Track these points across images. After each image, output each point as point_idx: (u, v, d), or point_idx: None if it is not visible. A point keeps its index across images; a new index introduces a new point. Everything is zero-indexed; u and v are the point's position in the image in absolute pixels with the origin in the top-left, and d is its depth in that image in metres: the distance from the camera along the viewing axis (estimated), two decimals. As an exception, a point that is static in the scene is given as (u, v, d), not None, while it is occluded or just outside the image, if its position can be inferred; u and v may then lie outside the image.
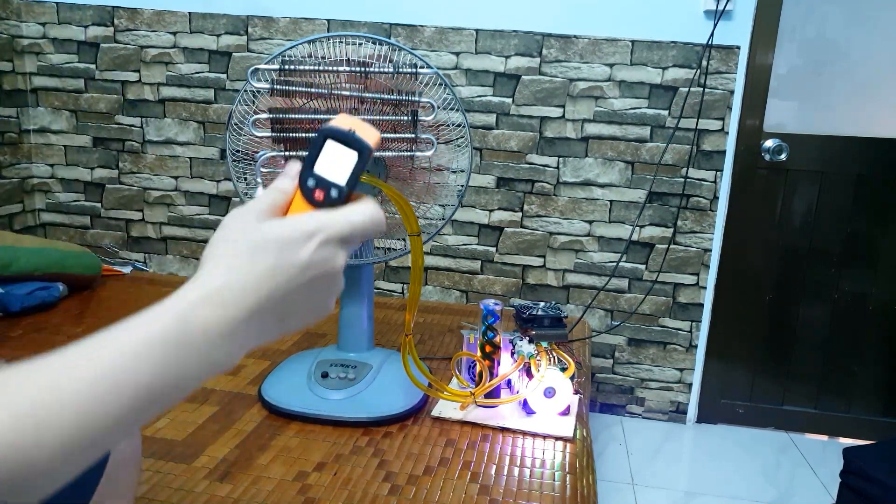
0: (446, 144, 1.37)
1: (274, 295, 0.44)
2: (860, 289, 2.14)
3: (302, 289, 0.45)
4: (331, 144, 0.48)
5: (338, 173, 0.48)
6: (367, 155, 0.48)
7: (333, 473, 1.19)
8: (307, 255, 0.45)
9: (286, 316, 0.46)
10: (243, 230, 0.45)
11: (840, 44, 2.03)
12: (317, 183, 0.48)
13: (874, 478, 1.43)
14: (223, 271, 0.44)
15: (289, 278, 0.44)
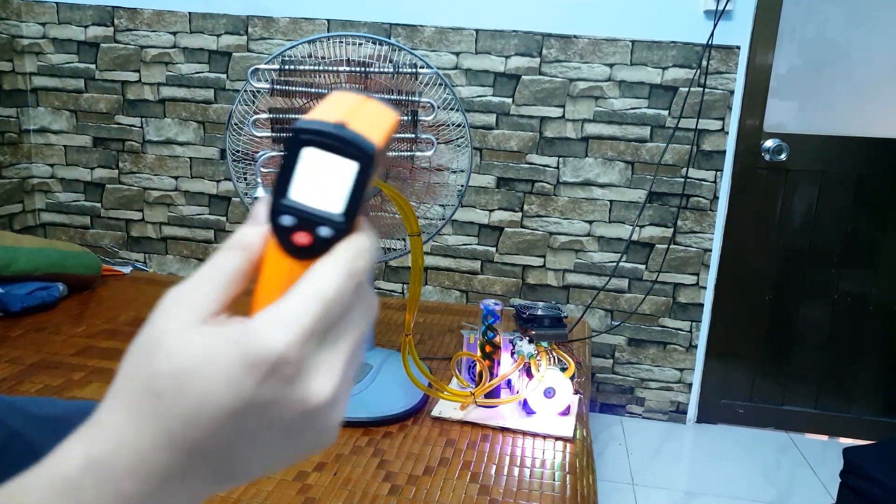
0: (446, 144, 1.37)
1: (201, 456, 0.28)
2: (860, 289, 2.14)
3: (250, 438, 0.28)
4: (311, 154, 0.29)
5: (328, 197, 0.29)
6: (370, 162, 0.29)
7: (333, 473, 1.19)
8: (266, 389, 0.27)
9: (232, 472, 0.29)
10: (171, 347, 0.28)
11: (840, 44, 2.03)
12: (296, 220, 0.29)
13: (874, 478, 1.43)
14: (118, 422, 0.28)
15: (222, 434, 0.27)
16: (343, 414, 0.31)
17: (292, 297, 0.28)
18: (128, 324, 1.84)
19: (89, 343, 1.70)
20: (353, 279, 0.29)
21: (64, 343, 1.68)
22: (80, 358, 1.61)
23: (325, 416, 0.29)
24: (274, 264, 0.30)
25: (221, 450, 0.28)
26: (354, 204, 0.29)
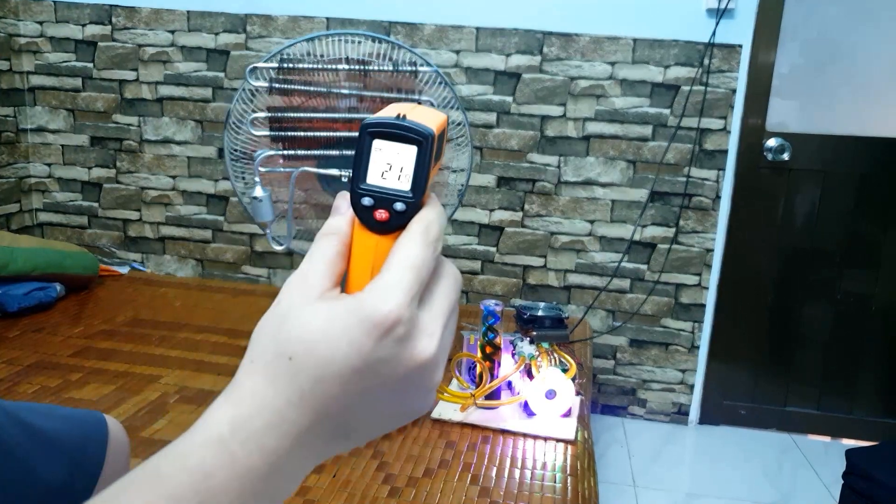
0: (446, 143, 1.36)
1: (342, 410, 0.32)
2: (863, 289, 2.13)
3: (384, 392, 0.33)
4: (379, 144, 0.35)
5: (398, 179, 0.35)
6: (429, 144, 0.35)
7: (333, 475, 1.17)
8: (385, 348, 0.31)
9: (351, 431, 0.34)
10: (296, 321, 0.32)
11: (842, 43, 2.02)
12: (374, 200, 0.35)
13: (877, 479, 1.42)
14: (267, 386, 0.32)
15: (364, 386, 0.32)
16: (442, 376, 0.35)
17: (388, 270, 0.32)
18: (126, 324, 1.83)
19: (87, 343, 1.69)
20: (431, 246, 0.34)
21: (61, 343, 1.67)
22: (78, 358, 1.60)
23: (430, 374, 0.34)
24: (362, 242, 0.35)
25: (344, 407, 0.32)
26: (420, 181, 0.35)
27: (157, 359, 1.62)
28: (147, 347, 1.69)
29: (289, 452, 0.31)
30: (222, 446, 0.30)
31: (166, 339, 1.75)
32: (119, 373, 1.54)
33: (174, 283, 2.20)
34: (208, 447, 0.30)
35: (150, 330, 1.80)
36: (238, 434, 0.30)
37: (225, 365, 1.61)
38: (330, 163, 1.26)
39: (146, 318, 1.87)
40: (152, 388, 1.47)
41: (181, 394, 1.46)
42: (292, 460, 0.32)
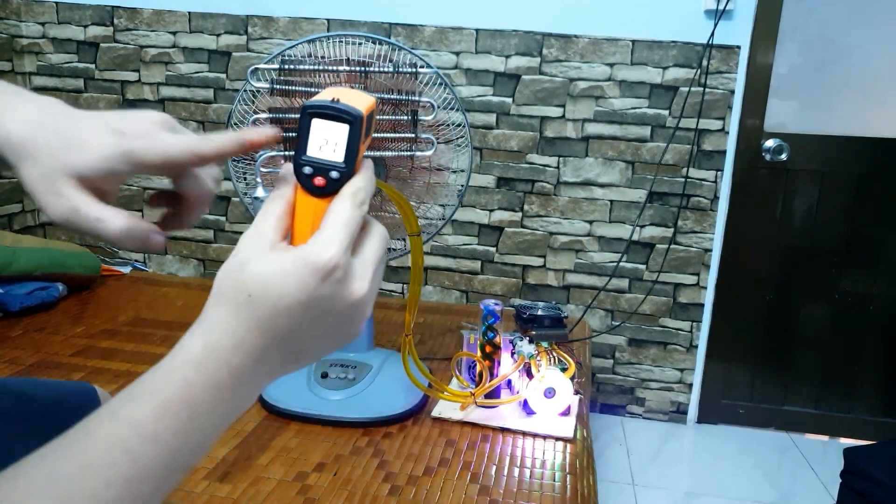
0: (446, 144, 1.37)
1: (290, 335, 0.40)
2: (861, 289, 2.14)
3: (323, 322, 0.41)
4: (317, 123, 0.42)
5: (333, 151, 0.42)
6: (358, 123, 0.42)
7: (333, 474, 1.18)
8: (326, 288, 0.39)
9: (300, 354, 0.42)
10: (254, 265, 0.39)
11: (841, 43, 2.03)
12: (313, 169, 0.42)
13: (875, 478, 1.43)
14: (229, 315, 0.39)
15: (310, 316, 0.40)
16: (371, 310, 0.43)
17: (326, 227, 0.40)
18: (127, 324, 1.84)
19: (88, 343, 1.70)
20: (360, 207, 0.41)
21: (63, 343, 1.68)
22: (80, 358, 1.61)
23: (363, 308, 0.42)
24: (303, 204, 0.43)
25: (293, 333, 0.40)
26: (351, 154, 0.42)
27: (159, 358, 1.62)
28: (149, 347, 1.70)
29: (250, 369, 0.39)
30: (198, 364, 0.38)
31: (168, 338, 1.75)
32: (121, 372, 1.55)
33: (176, 283, 2.21)
34: (188, 366, 0.38)
35: (152, 329, 1.80)
36: (210, 354, 0.39)
37: (226, 364, 1.62)
38: (331, 163, 1.27)
39: (148, 318, 1.88)
40: (154, 388, 1.48)
41: (183, 393, 1.46)
42: (253, 376, 0.40)
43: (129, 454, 0.36)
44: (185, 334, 0.40)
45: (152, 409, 0.37)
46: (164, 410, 0.37)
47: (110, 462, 0.35)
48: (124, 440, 0.36)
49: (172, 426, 0.37)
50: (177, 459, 0.38)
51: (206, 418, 0.39)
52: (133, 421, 0.37)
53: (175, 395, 0.38)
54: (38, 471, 0.35)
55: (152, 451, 0.36)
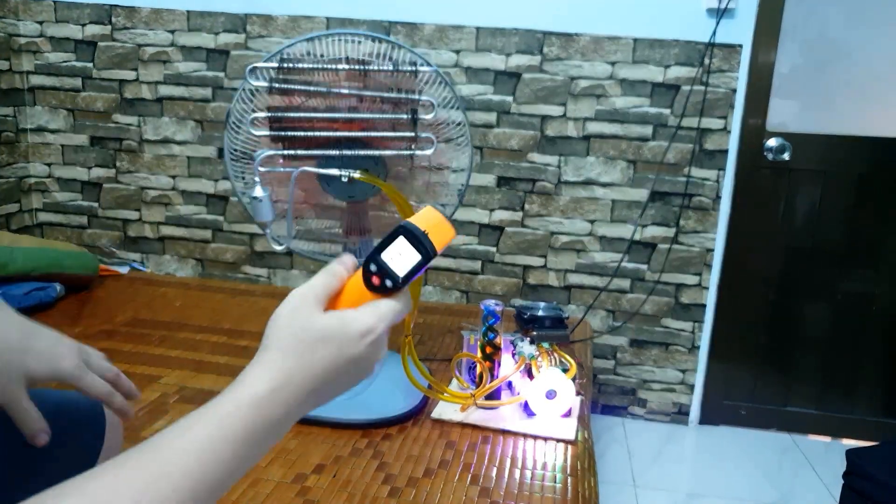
0: (446, 143, 1.36)
1: (328, 382, 0.50)
2: (863, 289, 2.13)
3: (350, 374, 0.52)
4: (402, 240, 0.52)
5: (399, 266, 0.53)
6: (428, 260, 0.53)
7: (332, 475, 1.17)
8: (362, 349, 0.51)
9: (326, 397, 0.52)
10: (308, 320, 0.50)
11: (843, 43, 2.02)
12: (378, 269, 0.53)
13: (877, 479, 1.42)
14: (290, 363, 0.49)
15: (343, 369, 0.51)
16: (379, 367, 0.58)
17: (372, 306, 0.53)
18: (125, 324, 1.83)
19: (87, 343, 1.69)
20: (390, 321, 0.53)
21: (61, 344, 1.67)
22: (77, 359, 1.60)
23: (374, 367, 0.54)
24: (354, 288, 0.54)
25: (328, 381, 0.50)
26: (410, 276, 0.53)
27: (157, 359, 1.62)
28: (147, 347, 1.69)
29: (298, 409, 0.49)
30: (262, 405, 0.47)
31: (166, 338, 1.74)
32: (119, 373, 1.54)
33: (174, 283, 2.20)
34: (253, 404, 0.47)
35: (150, 330, 1.79)
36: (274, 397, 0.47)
37: (225, 365, 1.61)
38: (330, 163, 1.26)
39: (146, 318, 1.87)
40: (152, 388, 1.47)
41: (181, 394, 1.45)
42: (298, 414, 0.49)
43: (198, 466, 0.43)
44: (248, 372, 0.49)
45: (221, 436, 0.45)
46: (230, 438, 0.45)
47: (183, 472, 0.43)
48: (195, 456, 0.43)
49: (233, 451, 0.45)
50: (232, 476, 0.47)
51: (259, 447, 0.48)
52: (203, 441, 0.44)
53: (240, 427, 0.46)
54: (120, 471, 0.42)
55: (214, 469, 0.44)
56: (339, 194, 1.33)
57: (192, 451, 0.43)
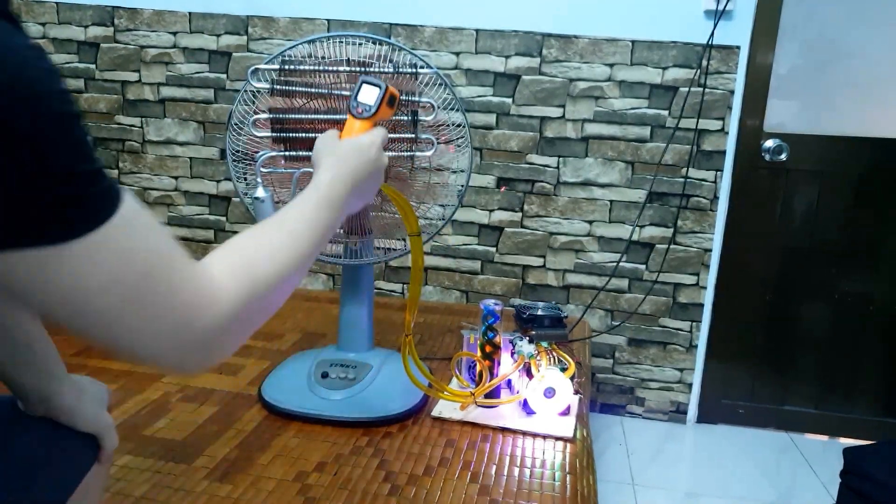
0: (446, 144, 1.37)
1: (359, 180, 0.84)
2: (861, 289, 2.14)
3: (370, 176, 0.87)
4: (365, 86, 0.95)
5: (369, 99, 0.94)
6: (384, 89, 0.94)
7: (333, 474, 1.19)
8: (372, 154, 0.88)
9: (361, 193, 0.85)
10: (336, 144, 0.87)
11: (841, 43, 2.03)
12: (358, 105, 0.94)
13: (875, 478, 1.43)
14: (333, 170, 0.81)
15: (365, 170, 0.85)
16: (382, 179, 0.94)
17: (367, 132, 0.91)
18: (128, 324, 1.84)
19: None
20: (379, 136, 0.91)
21: (64, 342, 1.68)
22: (81, 357, 1.62)
23: (383, 171, 0.91)
24: (352, 127, 0.93)
25: (359, 185, 0.83)
26: (378, 102, 0.93)
27: (160, 358, 1.63)
28: (149, 347, 1.69)
29: (346, 197, 0.79)
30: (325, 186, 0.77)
31: (168, 338, 1.75)
32: (121, 372, 1.55)
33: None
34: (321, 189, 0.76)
35: (152, 329, 1.80)
36: (332, 185, 0.78)
37: (226, 364, 1.62)
38: (331, 164, 1.27)
39: (148, 318, 1.88)
40: (154, 388, 1.48)
41: (183, 392, 1.47)
42: (347, 201, 0.80)
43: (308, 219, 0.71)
44: (314, 179, 0.79)
45: (313, 206, 0.73)
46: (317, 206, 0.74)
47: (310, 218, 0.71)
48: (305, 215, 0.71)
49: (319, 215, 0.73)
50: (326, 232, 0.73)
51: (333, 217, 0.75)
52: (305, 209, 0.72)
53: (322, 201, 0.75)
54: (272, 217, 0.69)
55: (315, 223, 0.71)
56: (340, 195, 1.34)
57: (303, 213, 0.71)
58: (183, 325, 0.47)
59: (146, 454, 1.22)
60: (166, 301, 0.46)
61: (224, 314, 0.50)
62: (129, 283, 0.44)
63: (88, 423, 0.77)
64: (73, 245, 0.40)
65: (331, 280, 2.36)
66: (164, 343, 0.47)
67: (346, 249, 1.40)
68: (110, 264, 0.43)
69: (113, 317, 0.44)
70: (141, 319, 0.45)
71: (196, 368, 0.50)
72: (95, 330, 0.44)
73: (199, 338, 0.49)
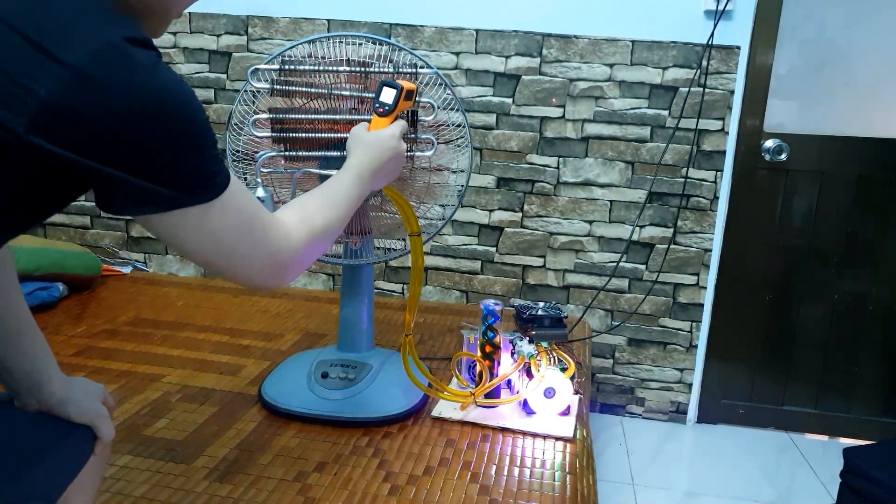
0: (446, 144, 1.37)
1: (382, 164, 1.03)
2: (860, 289, 2.14)
3: (391, 161, 1.05)
4: (385, 88, 1.08)
5: (388, 99, 1.08)
6: (400, 90, 1.07)
7: (333, 473, 1.19)
8: (394, 143, 1.05)
9: (384, 174, 1.05)
10: (365, 135, 1.05)
11: (840, 44, 2.03)
12: (380, 104, 1.08)
13: (875, 478, 1.43)
14: (361, 156, 1.01)
15: (386, 156, 1.04)
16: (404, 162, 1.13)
17: (389, 126, 1.08)
18: (128, 323, 1.84)
19: (89, 343, 1.70)
20: (399, 129, 1.09)
21: (64, 343, 1.69)
22: (81, 358, 1.62)
23: (402, 159, 1.10)
24: (376, 122, 1.08)
25: (382, 168, 1.04)
26: (395, 101, 1.08)
27: (160, 358, 1.64)
28: (149, 347, 1.70)
29: (370, 178, 1.00)
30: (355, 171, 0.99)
31: (168, 338, 1.76)
32: (121, 372, 1.55)
33: (176, 283, 2.21)
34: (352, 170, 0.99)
35: (153, 329, 1.81)
36: (360, 168, 1.00)
37: (226, 364, 1.62)
38: (331, 164, 1.27)
39: (148, 318, 1.89)
40: (154, 388, 1.48)
41: (183, 392, 1.47)
42: (370, 178, 1.00)
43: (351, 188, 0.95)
44: (346, 162, 1.01)
45: (346, 184, 0.95)
46: (348, 183, 0.95)
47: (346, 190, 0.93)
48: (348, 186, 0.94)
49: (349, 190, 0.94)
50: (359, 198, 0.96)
51: (360, 191, 0.97)
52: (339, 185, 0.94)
53: (352, 179, 0.96)
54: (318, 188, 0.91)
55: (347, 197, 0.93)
56: (340, 195, 1.34)
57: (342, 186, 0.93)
58: (273, 253, 0.73)
59: (146, 454, 1.22)
60: (264, 237, 0.72)
61: (295, 248, 0.76)
62: (245, 226, 0.69)
63: (81, 412, 0.79)
64: (215, 202, 0.64)
65: (331, 280, 2.36)
66: (262, 265, 0.72)
67: (346, 249, 1.40)
68: (234, 213, 0.67)
69: (236, 248, 0.69)
70: (252, 248, 0.70)
71: (277, 284, 0.75)
72: (223, 260, 0.69)
73: (281, 261, 0.74)
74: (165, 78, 0.59)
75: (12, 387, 0.78)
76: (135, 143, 0.58)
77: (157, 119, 0.58)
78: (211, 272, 0.68)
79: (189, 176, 0.62)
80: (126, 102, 0.56)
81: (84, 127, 0.55)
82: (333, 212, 0.88)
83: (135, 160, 0.58)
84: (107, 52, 0.55)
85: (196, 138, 0.62)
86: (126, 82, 0.56)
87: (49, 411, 0.78)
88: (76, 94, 0.54)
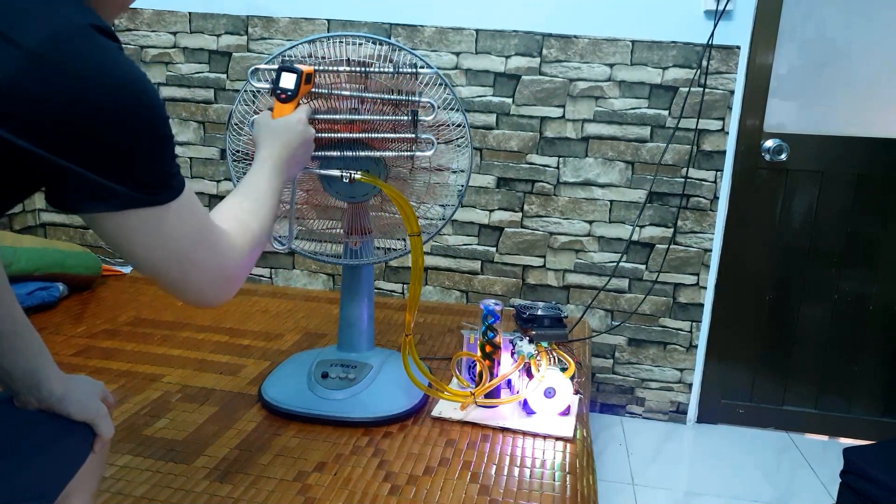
0: (446, 144, 1.37)
1: (292, 150, 1.02)
2: (860, 289, 2.14)
3: (300, 147, 1.04)
4: (284, 73, 1.07)
5: (289, 84, 1.07)
6: (300, 73, 1.07)
7: (333, 473, 1.19)
8: (301, 128, 1.04)
9: (296, 161, 1.04)
10: (270, 123, 1.03)
11: (840, 44, 2.03)
12: (281, 90, 1.07)
13: (875, 478, 1.43)
14: (272, 146, 1.00)
15: (296, 142, 1.03)
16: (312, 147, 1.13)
17: (294, 111, 1.07)
18: (128, 323, 1.84)
19: (89, 343, 1.70)
20: (304, 114, 1.08)
21: (64, 343, 1.69)
22: (81, 358, 1.62)
23: (311, 144, 1.10)
24: (279, 109, 1.07)
25: (292, 154, 1.02)
26: (296, 86, 1.07)
27: (159, 358, 1.64)
28: (149, 347, 1.70)
29: (283, 167, 0.99)
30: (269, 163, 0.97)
31: (168, 338, 1.76)
32: (121, 372, 1.55)
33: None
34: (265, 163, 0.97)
35: (152, 329, 1.81)
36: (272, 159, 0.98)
37: (226, 364, 1.62)
38: (331, 163, 1.27)
39: (148, 318, 1.89)
40: (154, 387, 1.48)
41: (183, 392, 1.47)
42: (286, 171, 1.00)
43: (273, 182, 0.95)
44: (259, 152, 0.99)
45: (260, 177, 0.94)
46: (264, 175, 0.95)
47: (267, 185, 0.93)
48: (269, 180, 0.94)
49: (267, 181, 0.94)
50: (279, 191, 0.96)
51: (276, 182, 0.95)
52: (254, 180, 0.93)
53: (265, 170, 0.96)
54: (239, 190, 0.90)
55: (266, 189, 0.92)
56: (340, 195, 1.34)
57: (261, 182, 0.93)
58: (222, 265, 0.72)
59: (146, 454, 1.22)
60: (216, 246, 0.71)
61: (241, 257, 0.77)
62: (197, 234, 0.67)
63: (80, 410, 0.79)
64: (171, 205, 0.62)
65: (331, 280, 2.36)
66: (213, 276, 0.70)
67: (346, 249, 1.40)
68: (188, 219, 0.65)
69: (189, 256, 0.66)
70: (204, 257, 0.68)
71: (224, 298, 0.73)
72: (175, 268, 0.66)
73: (229, 272, 0.73)
74: (130, 69, 0.56)
75: (11, 387, 0.77)
76: (91, 134, 0.54)
77: (118, 110, 0.55)
78: (159, 283, 0.68)
79: (147, 174, 0.59)
80: (85, 87, 0.53)
81: (38, 112, 0.52)
82: (264, 210, 0.88)
83: (90, 153, 0.54)
84: (68, 35, 0.53)
85: (157, 135, 0.59)
86: (86, 66, 0.53)
87: (49, 410, 0.77)
88: (32, 76, 0.51)
